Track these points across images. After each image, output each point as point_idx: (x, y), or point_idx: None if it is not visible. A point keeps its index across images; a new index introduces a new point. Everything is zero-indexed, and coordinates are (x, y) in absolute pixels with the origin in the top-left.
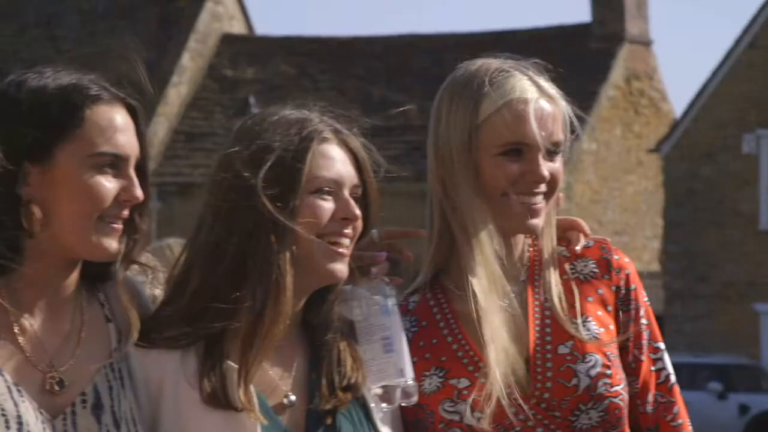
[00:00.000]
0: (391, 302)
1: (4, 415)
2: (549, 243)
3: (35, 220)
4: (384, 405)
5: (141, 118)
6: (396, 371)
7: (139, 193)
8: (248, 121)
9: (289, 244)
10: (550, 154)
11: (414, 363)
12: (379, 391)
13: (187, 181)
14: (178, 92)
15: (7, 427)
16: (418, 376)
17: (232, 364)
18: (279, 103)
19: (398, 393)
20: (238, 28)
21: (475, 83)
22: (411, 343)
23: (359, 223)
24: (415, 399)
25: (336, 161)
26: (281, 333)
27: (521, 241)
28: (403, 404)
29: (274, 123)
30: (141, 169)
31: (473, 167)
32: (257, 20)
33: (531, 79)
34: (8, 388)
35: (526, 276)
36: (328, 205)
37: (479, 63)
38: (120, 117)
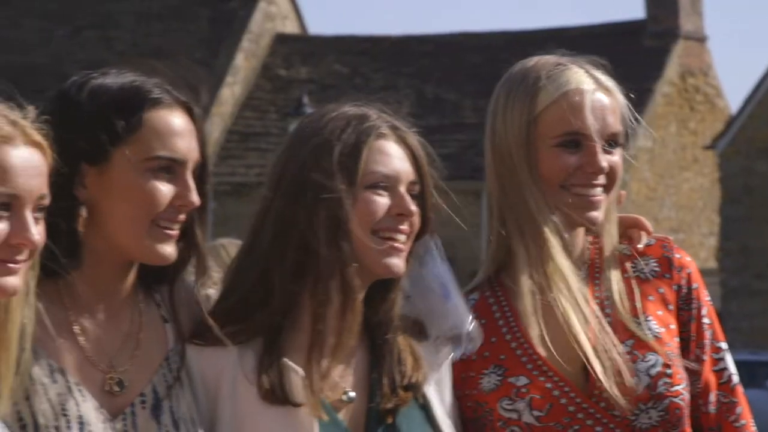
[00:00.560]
0: (437, 252)
1: (65, 414)
2: (610, 240)
3: (81, 222)
4: (452, 353)
5: (202, 122)
6: (458, 317)
7: (194, 198)
8: (307, 118)
9: (347, 239)
10: (609, 147)
11: (473, 361)
12: (444, 342)
13: (241, 181)
14: (232, 92)
15: (68, 427)
16: (477, 375)
17: (289, 362)
18: (332, 103)
19: (463, 339)
20: (291, 27)
21: (531, 77)
22: None
23: (416, 219)
24: (479, 342)
25: (393, 157)
26: (355, 328)
27: (581, 239)
28: (468, 351)
29: (332, 119)
30: (200, 173)
31: (531, 161)
32: (310, 20)
33: (588, 71)
34: (69, 387)
35: (586, 273)
36: (383, 200)
37: (536, 59)
38: (179, 121)
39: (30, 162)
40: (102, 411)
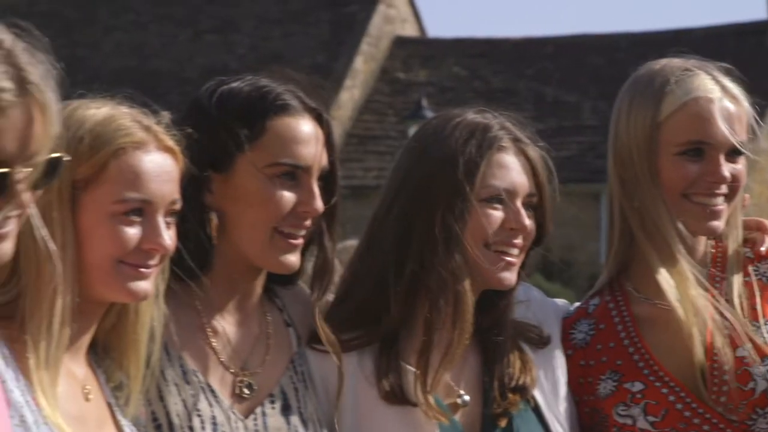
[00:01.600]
0: None
1: (199, 415)
2: (733, 244)
3: (213, 227)
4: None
5: (332, 129)
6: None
7: (318, 205)
8: (429, 125)
9: (460, 251)
10: (732, 155)
11: (590, 366)
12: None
13: (360, 184)
14: (351, 95)
15: (203, 428)
16: (595, 380)
17: (407, 365)
18: (451, 106)
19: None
20: (410, 30)
21: (657, 81)
22: (588, 346)
23: (531, 233)
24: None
25: (511, 170)
26: (465, 337)
27: (704, 242)
28: None
29: (455, 128)
30: (329, 181)
31: (653, 167)
32: (429, 22)
33: (715, 78)
34: (202, 388)
35: (707, 277)
36: (497, 214)
37: (662, 62)
38: (306, 128)
39: (162, 167)
40: (234, 411)
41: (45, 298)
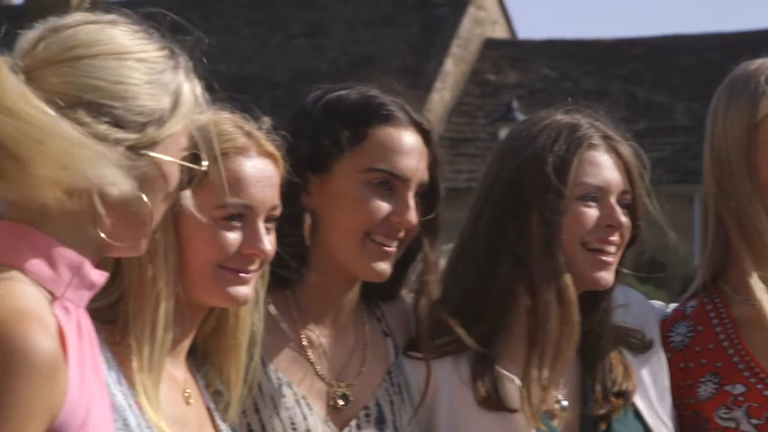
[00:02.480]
0: None
1: (294, 428)
2: None
3: (306, 229)
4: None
5: (436, 146)
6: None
7: (411, 217)
8: (519, 127)
9: (557, 250)
10: None
11: (690, 369)
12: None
13: (451, 186)
14: (441, 98)
15: None
16: (695, 383)
17: (503, 371)
18: (541, 107)
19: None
20: (500, 32)
21: (753, 82)
22: (687, 348)
23: (626, 230)
24: None
25: (603, 168)
26: (574, 339)
27: None
28: None
29: (544, 129)
30: (430, 195)
31: (751, 167)
32: (519, 24)
33: None
34: (297, 401)
35: None
36: (592, 212)
37: (758, 62)
38: (409, 140)
39: (263, 173)
40: (329, 424)
41: (148, 302)
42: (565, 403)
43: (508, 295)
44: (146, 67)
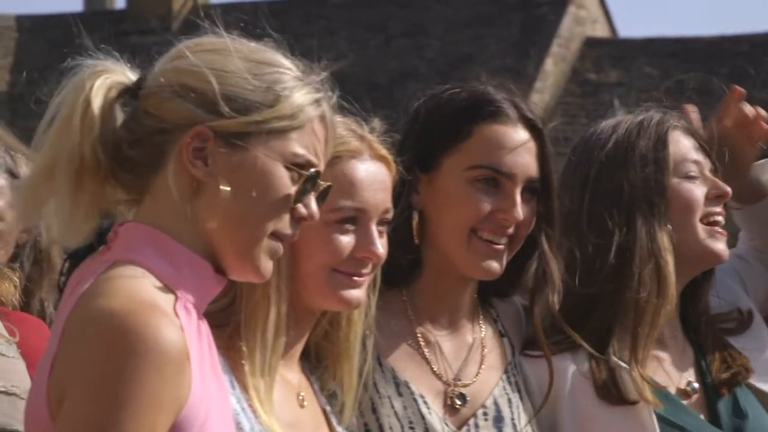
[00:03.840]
0: None
1: (412, 427)
2: None
3: (414, 228)
4: None
5: (547, 142)
6: None
7: (518, 213)
8: (603, 123)
9: (667, 233)
10: None
11: None
12: None
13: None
14: (541, 98)
15: None
16: None
17: (619, 361)
18: (643, 106)
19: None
20: (601, 31)
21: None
22: None
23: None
24: None
25: (690, 148)
26: (666, 318)
27: None
28: None
29: (629, 123)
30: (544, 191)
31: None
32: (620, 23)
33: None
34: (414, 399)
35: None
36: (698, 189)
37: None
38: (515, 136)
39: (376, 176)
40: (447, 423)
41: (261, 306)
42: (696, 385)
43: (616, 284)
44: (252, 64)
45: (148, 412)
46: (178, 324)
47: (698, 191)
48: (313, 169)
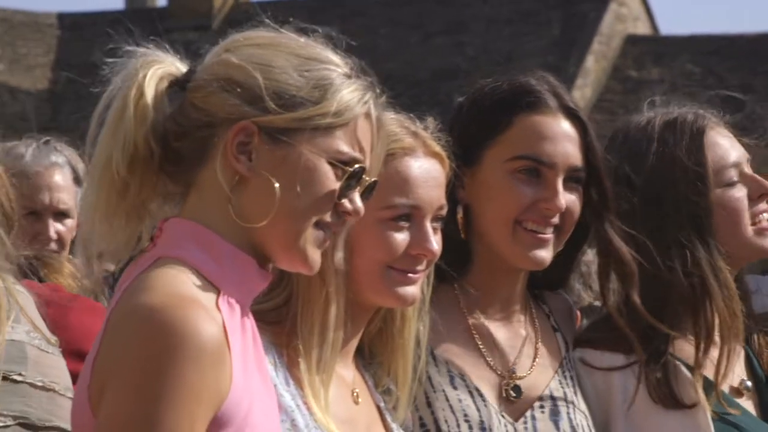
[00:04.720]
0: None
1: (467, 420)
2: None
3: (459, 222)
4: None
5: (591, 131)
6: None
7: (560, 202)
8: (636, 125)
9: (721, 254)
10: None
11: None
12: None
13: None
14: (582, 95)
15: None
16: None
17: (676, 362)
18: (685, 104)
19: None
20: (642, 29)
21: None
22: None
23: None
24: None
25: (727, 148)
26: (738, 323)
27: None
28: None
29: (661, 125)
30: (592, 180)
31: None
32: (662, 20)
33: None
34: (470, 392)
35: None
36: (740, 193)
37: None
38: (555, 126)
39: (430, 173)
40: (503, 415)
41: (317, 303)
42: (749, 383)
43: (675, 291)
44: (299, 60)
45: (187, 405)
46: (219, 318)
47: (740, 195)
48: (357, 165)
